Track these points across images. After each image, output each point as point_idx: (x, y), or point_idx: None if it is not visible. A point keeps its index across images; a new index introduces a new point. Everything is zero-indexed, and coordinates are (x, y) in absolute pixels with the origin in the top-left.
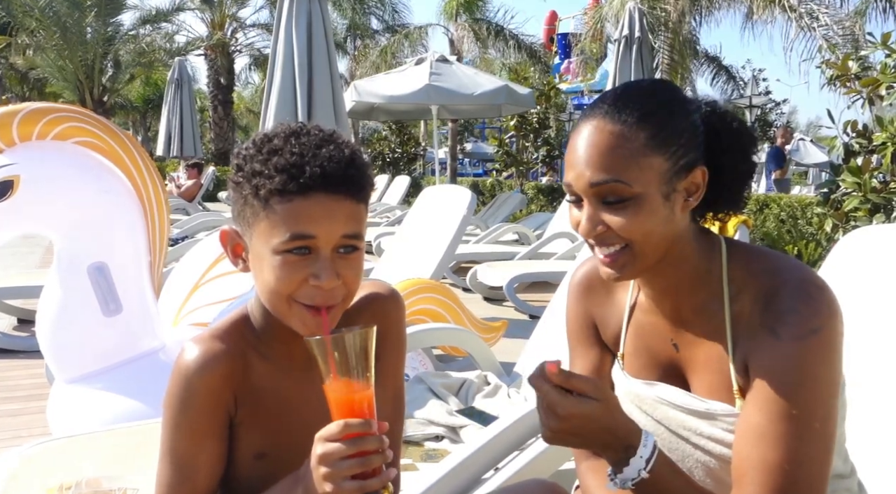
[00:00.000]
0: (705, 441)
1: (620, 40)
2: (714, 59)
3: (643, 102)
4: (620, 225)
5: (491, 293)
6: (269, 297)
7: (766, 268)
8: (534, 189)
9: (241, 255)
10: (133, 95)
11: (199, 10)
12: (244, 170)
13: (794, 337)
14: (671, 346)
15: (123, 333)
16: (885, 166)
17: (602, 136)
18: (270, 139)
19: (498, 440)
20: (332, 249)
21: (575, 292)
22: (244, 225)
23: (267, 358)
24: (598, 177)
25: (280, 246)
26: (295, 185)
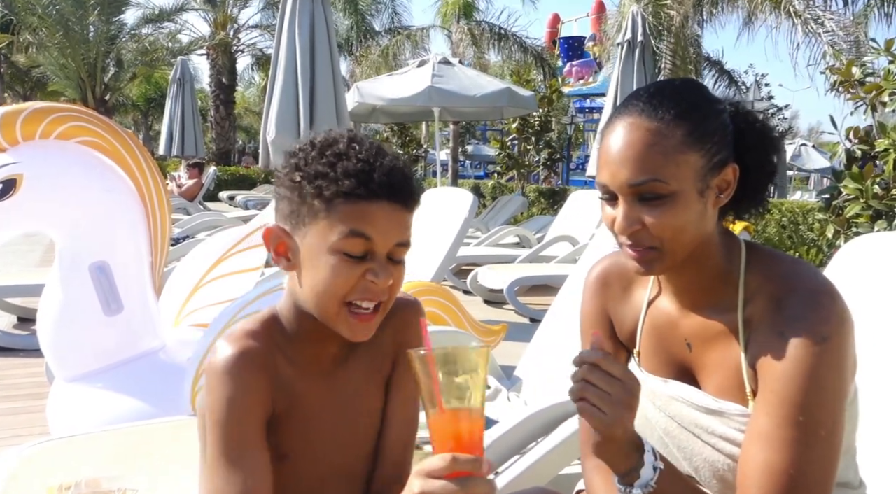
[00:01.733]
0: (716, 440)
1: (623, 44)
2: (716, 64)
3: (678, 100)
4: (656, 222)
5: (491, 296)
6: (319, 298)
7: (781, 273)
8: (535, 192)
9: (284, 254)
10: (135, 94)
11: (203, 9)
12: (304, 171)
13: (802, 344)
14: (685, 345)
15: (124, 333)
16: (887, 173)
17: (640, 134)
18: (332, 143)
19: (498, 444)
20: (386, 254)
21: (591, 288)
22: (297, 223)
23: (293, 361)
24: (637, 178)
25: (338, 243)
26: (363, 190)
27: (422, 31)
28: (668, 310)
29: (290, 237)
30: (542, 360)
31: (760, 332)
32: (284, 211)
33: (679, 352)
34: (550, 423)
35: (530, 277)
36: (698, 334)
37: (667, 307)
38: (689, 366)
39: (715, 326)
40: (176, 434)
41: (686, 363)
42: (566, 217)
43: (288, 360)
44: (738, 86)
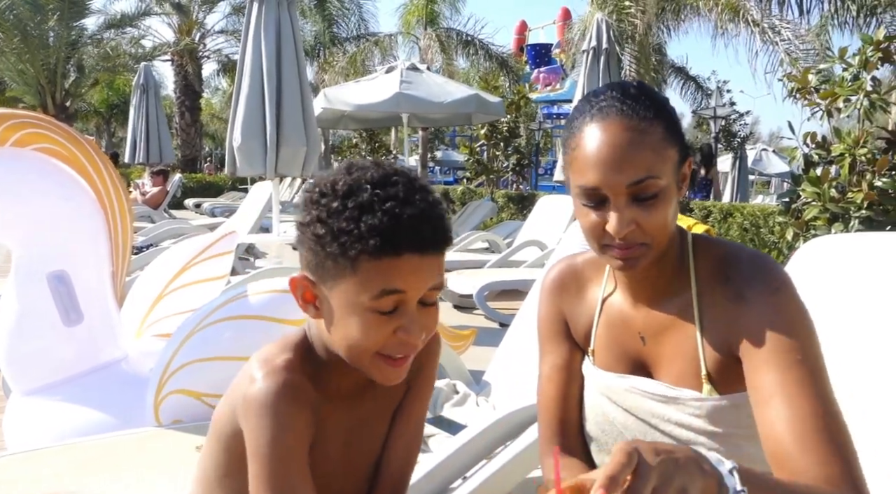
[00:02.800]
0: (672, 427)
1: (589, 51)
2: (681, 70)
3: (651, 98)
4: (650, 220)
5: (461, 301)
6: (350, 350)
7: (724, 253)
8: (504, 197)
9: (312, 302)
10: (97, 101)
11: (167, 14)
12: (329, 226)
13: (762, 295)
14: (639, 340)
15: (84, 343)
16: (843, 177)
17: (630, 134)
18: (355, 191)
19: (466, 448)
20: (418, 302)
21: (547, 292)
22: (324, 277)
23: (319, 388)
24: (635, 176)
25: (369, 302)
26: (390, 247)
27: (390, 37)
28: (622, 306)
29: (316, 287)
30: (510, 364)
31: (716, 308)
32: (309, 261)
33: (633, 347)
34: (518, 427)
35: (500, 282)
36: (652, 326)
37: (620, 303)
38: (644, 360)
39: (668, 315)
40: (141, 445)
41: (640, 356)
42: (535, 222)
43: (316, 388)
44: (704, 92)
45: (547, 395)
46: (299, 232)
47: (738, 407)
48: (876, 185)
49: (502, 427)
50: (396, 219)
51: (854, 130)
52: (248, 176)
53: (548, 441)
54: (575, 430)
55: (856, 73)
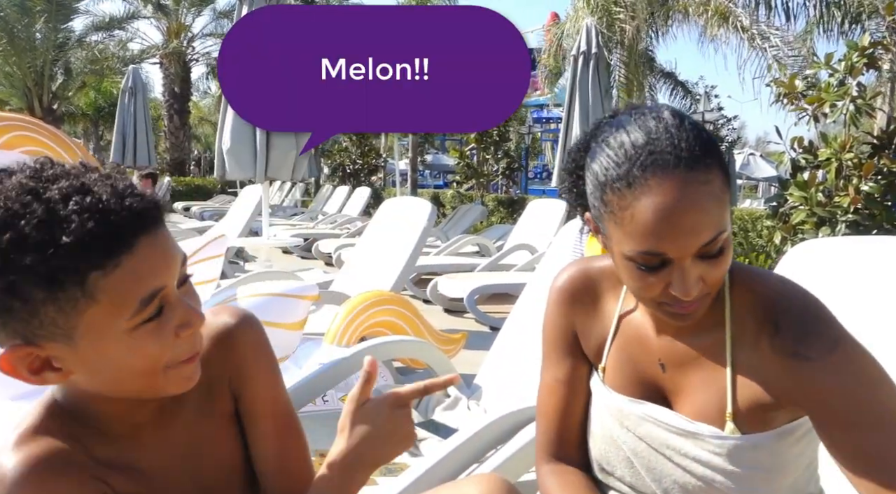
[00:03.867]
0: (688, 462)
1: (578, 56)
2: (670, 75)
3: (705, 140)
4: (716, 274)
5: (451, 305)
6: (133, 381)
7: (769, 292)
8: (494, 201)
9: (45, 369)
10: (84, 103)
11: (155, 17)
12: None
13: (825, 353)
14: (657, 366)
15: None
16: (829, 181)
17: (693, 190)
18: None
19: (457, 452)
20: (180, 284)
21: (558, 299)
22: (49, 331)
23: (106, 442)
24: (708, 237)
25: (131, 321)
26: (117, 249)
27: None
28: (642, 328)
29: (40, 348)
30: (501, 368)
31: (757, 353)
32: (10, 326)
33: (650, 372)
34: (509, 431)
35: (490, 286)
36: (675, 356)
37: (640, 325)
38: (661, 387)
39: (696, 347)
40: None
41: (658, 383)
42: (525, 225)
43: (101, 445)
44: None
45: (548, 405)
46: None
47: (758, 448)
48: (862, 190)
49: (493, 430)
50: (98, 210)
51: (840, 135)
52: (237, 179)
53: (545, 450)
54: (574, 442)
55: (841, 79)
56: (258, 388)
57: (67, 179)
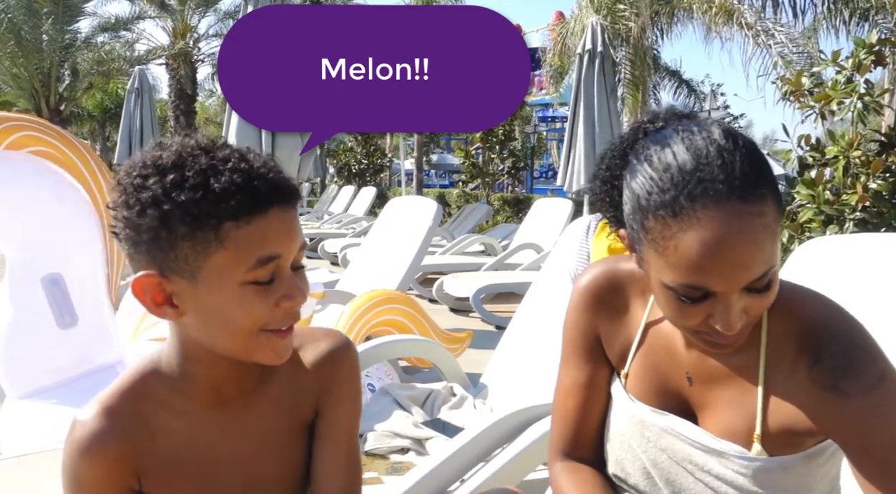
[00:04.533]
0: (711, 479)
1: (583, 54)
2: (675, 74)
3: (763, 164)
4: (761, 307)
5: (457, 304)
6: (231, 337)
7: (809, 315)
8: (500, 200)
9: (167, 303)
10: (91, 105)
11: (160, 18)
12: (174, 201)
13: (865, 390)
14: (685, 378)
15: (79, 346)
16: (837, 179)
17: (748, 224)
18: (186, 159)
19: (463, 451)
20: (291, 266)
21: (582, 301)
22: (178, 265)
23: (182, 412)
24: (757, 273)
25: (245, 275)
26: (253, 206)
27: None
28: (671, 339)
29: (169, 281)
30: (507, 367)
31: (793, 379)
32: (154, 254)
33: (676, 384)
34: (516, 429)
35: (496, 285)
36: (704, 370)
37: (669, 335)
38: (687, 400)
39: (728, 364)
40: None
41: (683, 396)
42: (530, 225)
43: (177, 413)
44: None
45: (565, 408)
46: (128, 229)
47: (785, 470)
48: (870, 188)
49: (499, 429)
50: (249, 173)
51: (848, 133)
52: None
53: (559, 448)
54: (589, 444)
55: (849, 76)
56: (340, 414)
57: (233, 151)
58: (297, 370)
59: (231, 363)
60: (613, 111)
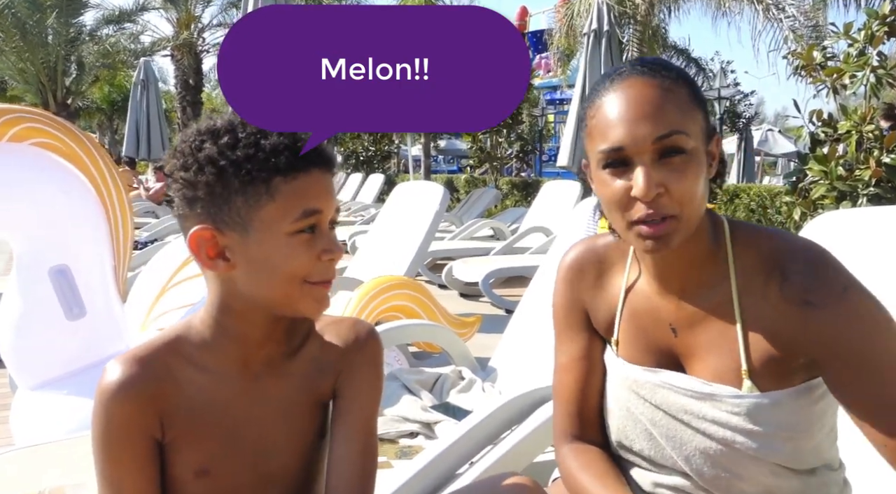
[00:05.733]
0: (707, 425)
1: (590, 34)
2: (683, 52)
3: (670, 65)
4: (679, 185)
5: (467, 289)
6: (279, 284)
7: (771, 245)
8: (508, 184)
9: (220, 256)
10: (98, 97)
11: (164, 9)
12: (228, 158)
13: (832, 301)
14: (669, 331)
15: (88, 337)
16: (850, 154)
17: (652, 91)
18: (234, 127)
19: (471, 434)
20: (329, 223)
21: (564, 277)
22: (232, 219)
23: (208, 369)
24: (662, 130)
25: (291, 225)
26: (300, 163)
27: None
28: (650, 295)
29: (223, 234)
30: (516, 350)
31: (765, 305)
32: (207, 210)
33: (663, 338)
34: (524, 411)
35: (505, 269)
36: (685, 317)
37: (647, 292)
38: (675, 352)
39: (704, 307)
40: None
41: (671, 349)
42: (539, 208)
43: (201, 370)
44: (706, 74)
45: (565, 386)
46: (185, 189)
47: (779, 405)
48: (884, 162)
49: (507, 411)
50: (293, 137)
51: (860, 107)
52: None
53: (564, 432)
54: (593, 421)
55: (861, 49)
56: (358, 398)
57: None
58: (324, 350)
59: (266, 323)
60: None
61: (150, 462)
